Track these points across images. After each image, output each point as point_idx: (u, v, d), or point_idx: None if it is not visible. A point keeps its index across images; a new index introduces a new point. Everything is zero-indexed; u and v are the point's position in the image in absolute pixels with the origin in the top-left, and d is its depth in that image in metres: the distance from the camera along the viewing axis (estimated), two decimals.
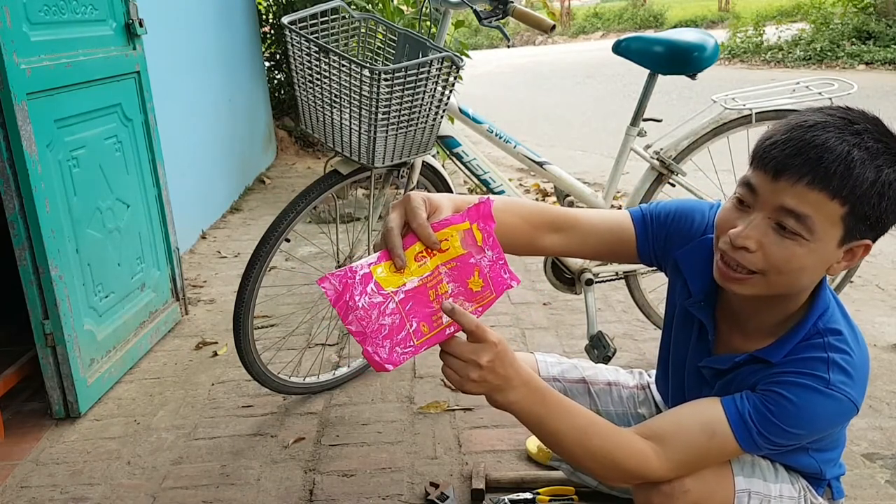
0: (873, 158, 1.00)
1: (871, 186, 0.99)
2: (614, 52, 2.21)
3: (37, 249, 2.01)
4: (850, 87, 2.07)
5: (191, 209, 3.74)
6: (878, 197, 1.00)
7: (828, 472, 1.27)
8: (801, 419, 1.06)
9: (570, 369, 1.52)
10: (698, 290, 1.21)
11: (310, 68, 1.83)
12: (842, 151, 0.99)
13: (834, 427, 1.11)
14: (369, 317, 0.98)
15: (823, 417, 1.07)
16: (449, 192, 2.23)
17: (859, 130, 1.01)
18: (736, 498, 1.17)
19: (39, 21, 2.06)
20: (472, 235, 1.05)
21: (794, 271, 1.05)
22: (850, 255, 1.06)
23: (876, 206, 1.01)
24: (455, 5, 2.09)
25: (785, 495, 1.22)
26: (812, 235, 1.02)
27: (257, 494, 1.79)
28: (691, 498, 1.12)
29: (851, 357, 1.08)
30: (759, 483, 1.20)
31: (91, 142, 2.29)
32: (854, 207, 1.00)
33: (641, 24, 20.83)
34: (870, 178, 0.99)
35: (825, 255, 1.04)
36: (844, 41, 10.76)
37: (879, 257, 3.19)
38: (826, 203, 1.00)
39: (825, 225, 1.01)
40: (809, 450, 1.23)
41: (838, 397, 1.06)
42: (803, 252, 1.03)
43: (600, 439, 1.10)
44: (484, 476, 1.76)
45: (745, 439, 1.08)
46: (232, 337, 2.01)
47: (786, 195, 1.01)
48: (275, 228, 1.93)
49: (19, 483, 1.89)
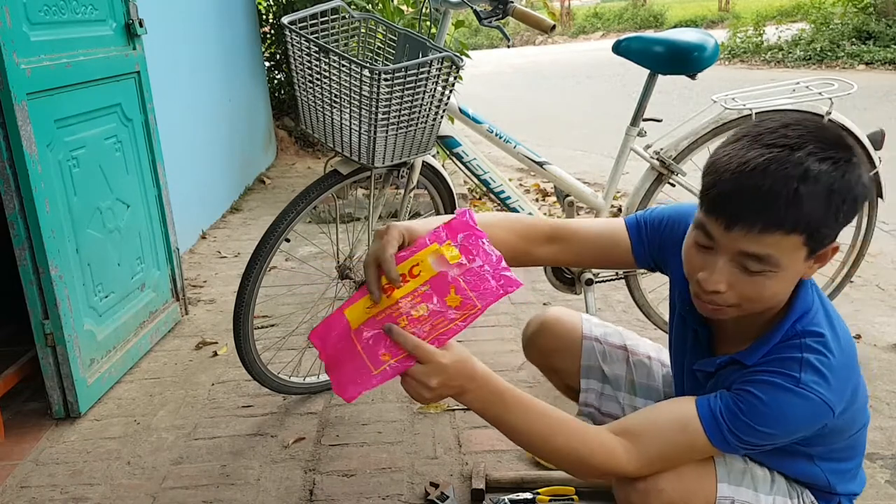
0: (821, 184, 0.98)
1: (825, 212, 1.00)
2: (614, 52, 2.21)
3: (37, 249, 2.01)
4: (850, 87, 2.07)
5: (191, 209, 3.74)
6: (834, 216, 1.01)
7: (839, 486, 1.23)
8: (770, 417, 1.05)
9: (614, 334, 1.52)
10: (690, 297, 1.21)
11: (310, 68, 1.83)
12: (788, 192, 0.98)
13: (807, 428, 1.08)
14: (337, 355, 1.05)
15: (793, 417, 1.06)
16: (449, 192, 2.24)
17: (801, 159, 0.99)
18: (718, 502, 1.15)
19: (39, 21, 2.06)
20: (441, 255, 1.07)
21: (769, 297, 1.07)
22: (821, 259, 1.07)
23: (833, 222, 1.02)
24: (455, 5, 2.09)
25: None
26: (778, 267, 1.02)
27: (257, 494, 1.79)
28: (666, 498, 1.12)
29: (828, 359, 1.07)
30: (748, 493, 1.17)
31: (91, 142, 2.29)
32: (812, 233, 1.01)
33: (641, 24, 20.83)
34: (821, 207, 0.99)
35: (794, 274, 1.06)
36: (844, 41, 10.76)
37: (879, 257, 3.19)
38: (784, 239, 1.01)
39: (788, 255, 1.02)
40: (815, 458, 1.20)
41: (809, 396, 1.05)
42: (773, 282, 1.04)
43: (564, 437, 1.11)
44: (484, 476, 1.76)
45: (716, 437, 1.08)
46: (232, 337, 2.01)
47: (742, 243, 1.02)
48: (275, 228, 1.93)
49: (19, 483, 1.89)
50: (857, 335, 2.45)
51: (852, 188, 1.00)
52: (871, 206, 2.29)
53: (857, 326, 2.52)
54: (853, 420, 1.17)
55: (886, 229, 3.37)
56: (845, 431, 1.18)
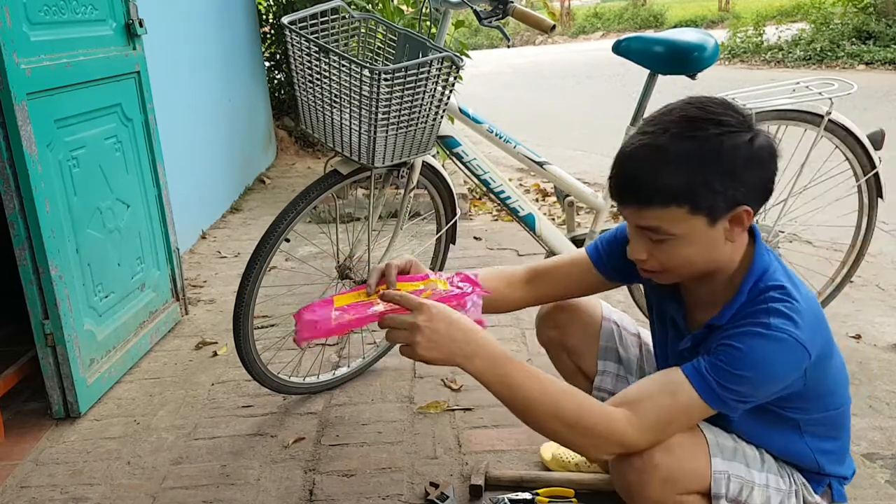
0: (679, 160, 1.09)
1: (692, 184, 1.09)
2: (614, 52, 2.21)
3: (37, 249, 2.01)
4: (850, 87, 2.07)
5: (191, 209, 3.74)
6: (708, 185, 1.09)
7: (827, 466, 1.28)
8: (749, 361, 1.11)
9: (629, 322, 1.59)
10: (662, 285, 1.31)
11: (310, 68, 1.83)
12: (648, 173, 1.11)
13: (788, 369, 1.13)
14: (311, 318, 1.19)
15: (770, 359, 1.11)
16: (449, 192, 2.24)
17: (662, 141, 1.11)
18: (713, 479, 1.19)
19: (39, 21, 2.06)
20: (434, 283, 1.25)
21: (687, 261, 1.17)
22: (736, 222, 1.14)
23: (711, 190, 1.10)
24: (455, 5, 2.09)
25: (771, 485, 1.24)
26: (675, 234, 1.14)
27: (257, 494, 1.79)
28: (661, 473, 1.15)
29: (793, 304, 1.14)
30: (741, 468, 1.22)
31: (91, 142, 2.29)
32: (692, 203, 1.11)
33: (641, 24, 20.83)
34: (686, 181, 1.09)
35: (704, 238, 1.14)
36: (844, 41, 10.76)
37: (879, 257, 3.19)
38: (664, 212, 1.12)
39: (679, 223, 1.13)
40: (802, 430, 1.25)
41: (781, 337, 1.11)
42: (681, 246, 1.15)
43: (573, 404, 1.14)
44: (484, 473, 1.76)
45: (706, 392, 1.13)
46: (232, 337, 2.01)
47: (634, 218, 1.17)
48: (275, 228, 1.93)
49: (19, 483, 1.89)
50: (858, 335, 2.45)
51: (718, 157, 1.09)
52: (872, 206, 2.29)
53: (857, 326, 2.52)
54: (834, 383, 1.24)
55: (886, 229, 3.37)
56: (826, 393, 1.23)
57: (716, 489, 1.19)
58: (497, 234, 3.83)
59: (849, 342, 2.42)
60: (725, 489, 1.19)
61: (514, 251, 3.51)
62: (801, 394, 1.20)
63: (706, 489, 1.19)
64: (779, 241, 2.26)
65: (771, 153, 1.14)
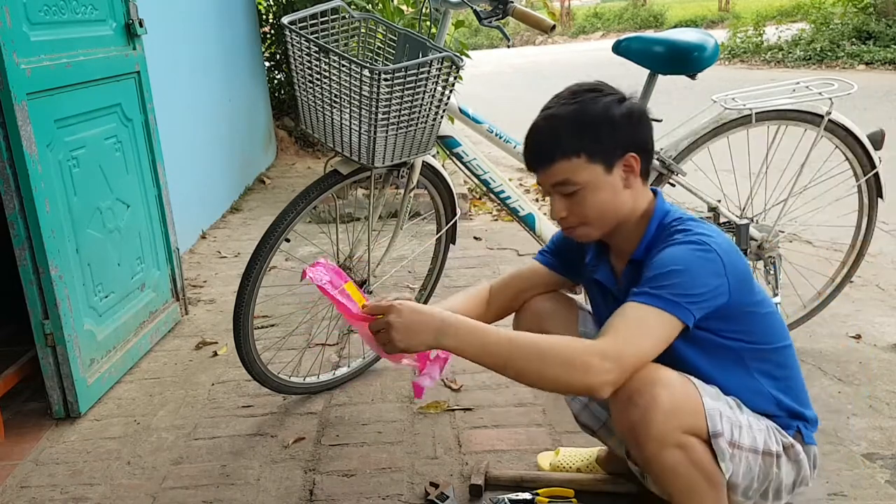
0: (565, 121, 1.34)
1: (581, 137, 1.33)
2: (614, 52, 2.20)
3: (37, 249, 2.01)
4: (850, 87, 2.07)
5: (191, 209, 3.74)
6: (594, 137, 1.33)
7: (784, 400, 1.39)
8: (674, 259, 1.28)
9: None
10: (592, 261, 1.51)
11: (310, 68, 1.83)
12: (549, 138, 1.36)
13: (707, 262, 1.27)
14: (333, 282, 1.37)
15: (690, 255, 1.27)
16: (449, 192, 2.24)
17: (555, 112, 1.36)
18: (708, 416, 1.27)
19: (39, 21, 2.06)
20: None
21: (599, 208, 1.36)
22: (628, 169, 1.36)
23: (598, 141, 1.33)
24: (455, 5, 2.09)
25: (754, 426, 1.34)
26: (582, 184, 1.34)
27: (257, 494, 1.79)
28: (662, 409, 1.23)
29: (696, 223, 1.34)
30: (726, 409, 1.32)
31: (91, 142, 2.29)
32: (587, 152, 1.33)
33: (641, 24, 20.84)
34: (575, 135, 1.33)
35: (606, 184, 1.35)
36: (844, 41, 10.75)
37: (879, 257, 3.19)
38: (566, 163, 1.34)
39: (581, 172, 1.34)
40: (750, 367, 1.37)
41: (694, 239, 1.29)
42: (590, 194, 1.35)
43: (545, 341, 1.25)
44: (484, 473, 1.76)
45: (655, 301, 1.25)
46: (232, 337, 2.01)
47: (545, 178, 1.38)
48: (275, 228, 1.93)
49: (19, 483, 1.89)
50: (858, 335, 2.45)
51: (598, 114, 1.33)
52: (872, 206, 2.29)
53: (857, 326, 2.52)
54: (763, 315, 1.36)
55: (886, 229, 3.37)
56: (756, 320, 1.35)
57: (713, 426, 1.27)
58: (497, 234, 3.83)
59: (849, 342, 2.42)
60: (721, 427, 1.27)
61: (514, 251, 3.51)
62: (731, 311, 1.30)
63: (703, 431, 1.27)
64: (779, 241, 2.26)
65: (642, 113, 1.37)
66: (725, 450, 1.28)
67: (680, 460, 1.25)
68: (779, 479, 1.36)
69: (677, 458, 1.25)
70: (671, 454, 1.25)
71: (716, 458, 1.28)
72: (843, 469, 1.76)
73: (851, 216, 2.35)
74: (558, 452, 1.82)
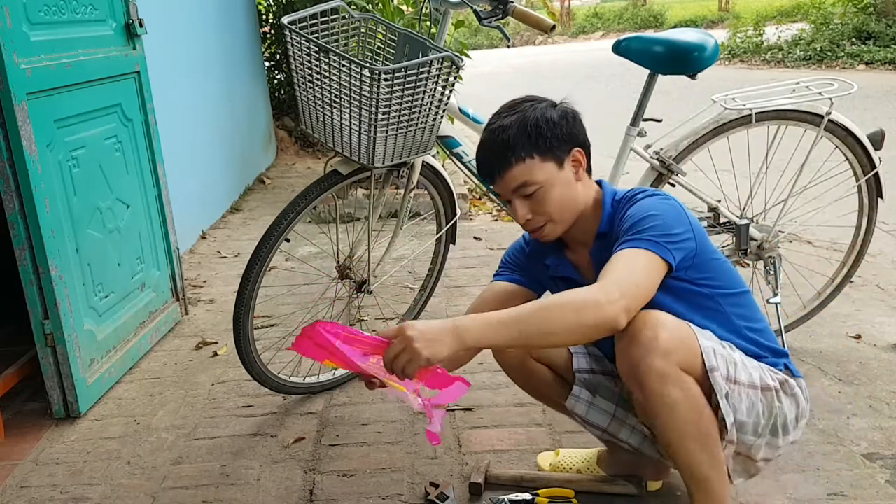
0: (512, 129, 1.45)
1: (528, 140, 1.44)
2: (614, 52, 2.20)
3: (37, 249, 2.01)
4: (850, 87, 2.07)
5: (191, 209, 3.74)
6: (539, 139, 1.44)
7: (764, 340, 1.49)
8: (646, 208, 1.40)
9: None
10: (552, 261, 1.59)
11: (310, 68, 1.83)
12: (501, 148, 1.45)
13: (675, 211, 1.39)
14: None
15: (659, 204, 1.40)
16: (449, 192, 2.24)
17: (501, 124, 1.46)
18: (704, 352, 1.35)
19: (39, 21, 2.06)
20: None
21: (559, 202, 1.46)
22: (576, 164, 1.48)
23: (545, 143, 1.44)
24: (455, 5, 2.09)
25: (748, 364, 1.43)
26: (540, 182, 1.44)
27: (257, 494, 1.79)
28: (663, 345, 1.31)
29: (642, 191, 1.47)
30: (720, 347, 1.40)
31: (91, 142, 2.29)
32: (538, 151, 1.44)
33: (641, 24, 20.84)
34: (524, 139, 1.44)
35: (561, 179, 1.46)
36: (844, 41, 10.76)
37: (879, 257, 3.19)
38: (522, 166, 1.44)
39: (537, 172, 1.44)
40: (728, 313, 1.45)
41: (656, 193, 1.44)
42: (549, 191, 1.45)
43: (553, 299, 1.31)
44: (484, 472, 1.76)
45: (638, 242, 1.34)
46: (232, 337, 2.01)
47: (505, 185, 1.47)
48: (275, 228, 1.93)
49: (19, 483, 1.89)
50: (858, 335, 2.45)
51: (537, 118, 1.45)
52: (872, 206, 2.29)
53: (857, 326, 2.52)
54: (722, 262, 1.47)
55: (886, 229, 3.37)
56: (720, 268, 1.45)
57: (709, 361, 1.35)
58: (497, 234, 3.83)
59: (849, 342, 2.42)
60: (716, 363, 1.35)
61: None
62: (699, 260, 1.41)
63: (700, 370, 1.34)
64: (779, 241, 2.26)
65: (575, 114, 1.50)
66: (722, 385, 1.35)
67: (679, 398, 1.33)
68: (783, 414, 1.43)
69: (677, 395, 1.32)
70: (671, 391, 1.32)
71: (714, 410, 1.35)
72: (843, 469, 1.76)
73: (851, 216, 2.35)
74: (558, 453, 1.82)
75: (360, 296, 2.18)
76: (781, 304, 2.23)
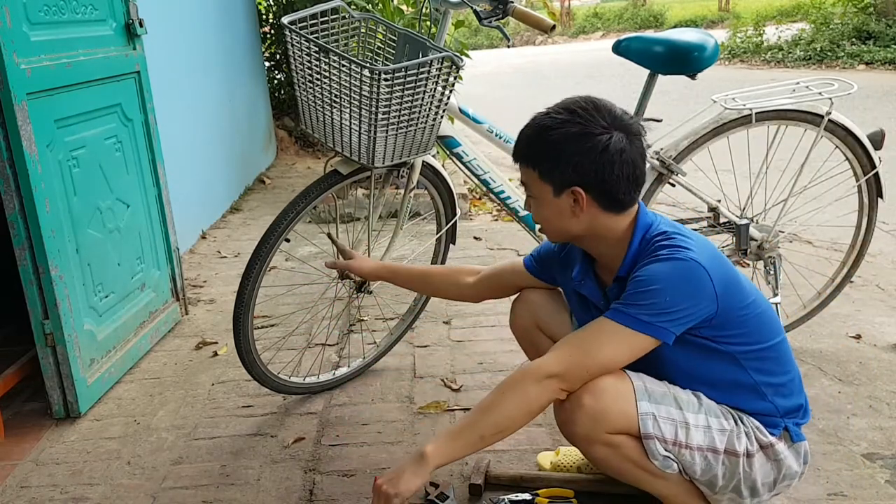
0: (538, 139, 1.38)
1: (540, 155, 1.38)
2: (614, 52, 2.20)
3: (37, 249, 2.01)
4: (850, 87, 2.07)
5: (191, 209, 3.74)
6: (548, 160, 1.37)
7: (775, 399, 1.42)
8: (653, 278, 1.32)
9: None
10: (577, 272, 1.54)
11: (310, 68, 1.83)
12: (523, 143, 1.42)
13: (689, 281, 1.30)
14: None
15: (671, 273, 1.31)
16: (449, 192, 2.24)
17: (541, 122, 1.39)
18: (640, 420, 1.35)
19: (39, 21, 2.06)
20: None
21: (545, 220, 1.45)
22: (575, 203, 1.38)
23: (549, 164, 1.37)
24: (455, 5, 2.09)
25: (713, 426, 1.38)
26: (534, 194, 1.43)
27: (257, 494, 1.79)
28: (588, 412, 1.34)
29: (679, 238, 1.36)
30: (673, 410, 1.37)
31: (91, 142, 2.29)
32: (541, 170, 1.39)
33: (641, 24, 20.83)
34: (537, 151, 1.39)
35: (553, 205, 1.41)
36: (844, 41, 10.76)
37: (879, 257, 3.19)
38: (526, 170, 1.42)
39: (535, 185, 1.42)
40: (745, 367, 1.39)
41: (676, 257, 1.32)
42: (539, 206, 1.44)
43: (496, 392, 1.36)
44: (484, 472, 1.76)
45: (627, 319, 1.31)
46: (232, 337, 2.01)
47: (521, 173, 1.45)
48: (275, 228, 1.93)
49: (19, 483, 1.89)
50: (858, 335, 2.45)
51: (557, 140, 1.35)
52: (872, 206, 2.29)
53: (857, 326, 2.52)
54: (756, 314, 1.38)
55: (886, 229, 3.37)
56: (748, 321, 1.37)
57: (644, 429, 1.35)
58: (497, 234, 3.83)
59: (849, 342, 2.42)
60: (655, 429, 1.35)
61: (514, 251, 3.51)
62: (722, 319, 1.34)
63: (636, 430, 1.35)
64: (779, 241, 2.26)
65: (619, 151, 1.34)
66: (657, 450, 1.36)
67: (607, 455, 1.38)
68: (751, 478, 1.40)
69: (604, 453, 1.38)
70: (598, 450, 1.38)
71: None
72: (843, 469, 1.76)
73: (851, 216, 2.35)
74: (558, 452, 1.82)
75: (360, 296, 2.19)
76: (781, 303, 2.23)
